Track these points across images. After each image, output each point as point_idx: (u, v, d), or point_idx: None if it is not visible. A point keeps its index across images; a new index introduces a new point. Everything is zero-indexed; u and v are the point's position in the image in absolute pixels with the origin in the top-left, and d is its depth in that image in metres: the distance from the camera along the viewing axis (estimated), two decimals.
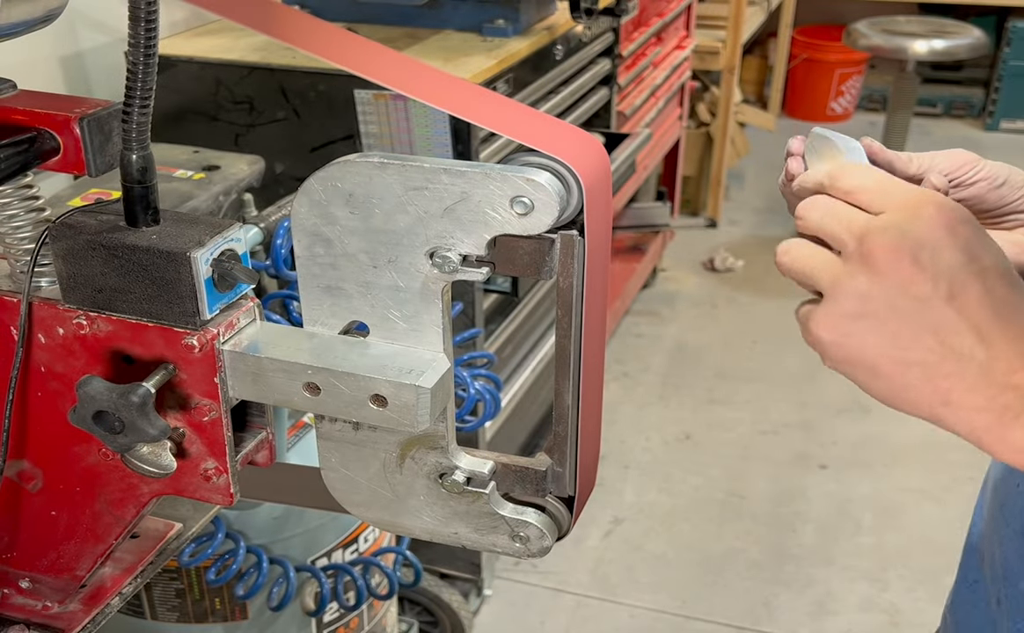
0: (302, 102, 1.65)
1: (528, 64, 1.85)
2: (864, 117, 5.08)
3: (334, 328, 0.59)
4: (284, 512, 1.30)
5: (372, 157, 0.54)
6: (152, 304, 0.58)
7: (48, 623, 0.72)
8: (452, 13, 1.86)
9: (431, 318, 0.57)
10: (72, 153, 0.59)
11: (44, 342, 0.62)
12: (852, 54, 4.70)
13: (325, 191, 0.55)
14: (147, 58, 0.55)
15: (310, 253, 0.57)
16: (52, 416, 0.64)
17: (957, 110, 5.06)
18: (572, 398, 0.59)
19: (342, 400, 0.57)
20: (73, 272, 0.59)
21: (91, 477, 0.65)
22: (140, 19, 0.54)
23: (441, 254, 0.55)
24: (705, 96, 3.72)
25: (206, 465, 0.61)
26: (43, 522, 0.69)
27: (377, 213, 0.55)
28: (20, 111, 0.60)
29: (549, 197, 0.52)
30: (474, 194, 0.53)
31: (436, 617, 1.97)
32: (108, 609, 0.73)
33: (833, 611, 2.15)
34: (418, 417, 0.56)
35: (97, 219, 0.59)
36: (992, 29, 4.60)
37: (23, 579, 0.72)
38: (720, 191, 3.80)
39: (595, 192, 0.54)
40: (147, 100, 0.56)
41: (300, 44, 0.66)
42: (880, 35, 3.54)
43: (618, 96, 2.48)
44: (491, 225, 0.53)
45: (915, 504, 2.46)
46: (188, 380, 0.59)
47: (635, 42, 2.55)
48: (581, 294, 0.55)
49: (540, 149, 0.53)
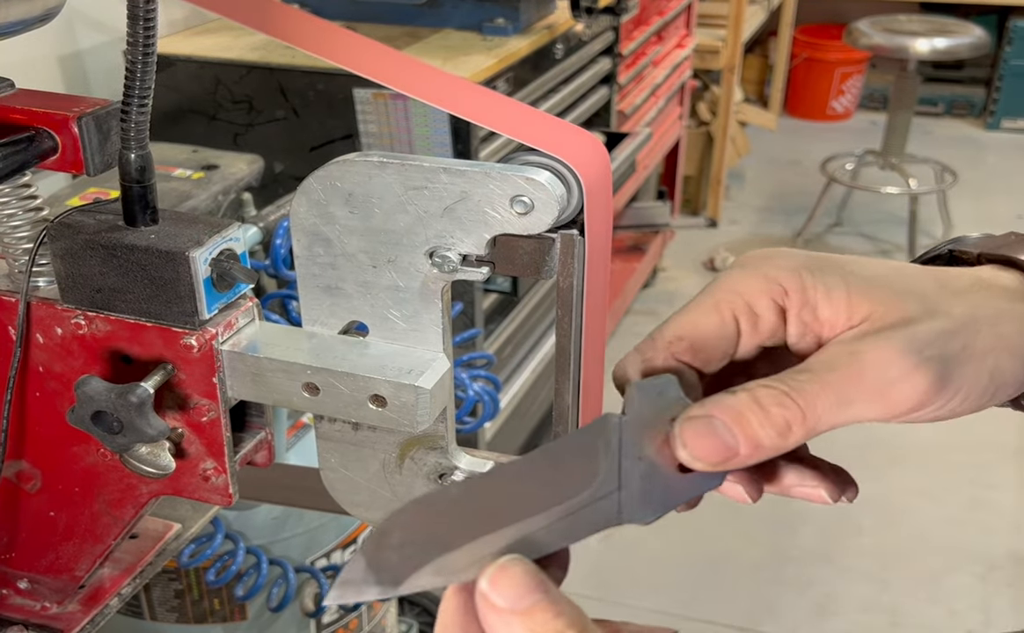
0: (301, 101, 1.65)
1: (528, 63, 1.85)
2: (865, 116, 5.08)
3: (333, 328, 0.59)
4: (283, 513, 1.30)
5: (371, 156, 0.54)
6: (151, 304, 0.58)
7: (47, 624, 0.72)
8: (452, 12, 1.86)
9: (431, 318, 0.57)
10: (70, 152, 0.59)
11: (42, 342, 0.62)
12: (853, 53, 4.70)
13: (324, 190, 0.55)
14: (146, 57, 0.54)
15: (309, 253, 0.57)
16: (50, 416, 0.64)
17: (958, 109, 5.06)
18: (572, 398, 0.59)
19: (341, 400, 0.57)
20: (71, 272, 0.59)
21: (90, 477, 0.65)
22: (139, 18, 0.53)
23: (441, 254, 0.54)
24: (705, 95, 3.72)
25: (205, 465, 0.61)
26: (42, 522, 0.69)
27: (377, 212, 0.55)
28: (18, 110, 0.59)
29: (549, 196, 0.51)
30: (474, 193, 0.52)
31: (433, 617, 1.97)
32: (107, 610, 0.73)
33: (833, 612, 2.15)
34: (418, 417, 0.55)
35: (95, 219, 0.59)
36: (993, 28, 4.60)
37: (22, 579, 0.72)
38: (720, 190, 3.79)
39: (595, 191, 0.54)
40: (146, 99, 0.56)
41: (299, 43, 0.65)
42: (881, 34, 3.53)
43: (618, 95, 2.48)
44: (491, 224, 0.53)
45: (916, 505, 2.46)
46: (187, 380, 0.59)
47: (635, 41, 2.55)
48: (581, 294, 0.55)
49: (540, 148, 0.53)
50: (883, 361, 0.40)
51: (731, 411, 0.39)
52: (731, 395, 0.40)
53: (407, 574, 0.39)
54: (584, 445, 0.40)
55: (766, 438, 0.39)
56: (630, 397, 0.41)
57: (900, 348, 0.40)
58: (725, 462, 0.39)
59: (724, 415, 0.39)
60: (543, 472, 0.40)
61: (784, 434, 0.40)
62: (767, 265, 0.44)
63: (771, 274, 0.44)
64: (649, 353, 0.45)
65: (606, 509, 0.40)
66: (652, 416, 0.40)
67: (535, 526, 0.39)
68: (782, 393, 0.40)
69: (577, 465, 0.39)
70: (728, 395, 0.40)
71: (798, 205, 4.03)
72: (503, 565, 0.38)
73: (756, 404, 0.40)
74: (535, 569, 0.38)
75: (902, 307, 0.42)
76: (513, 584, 0.38)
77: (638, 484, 0.40)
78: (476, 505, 0.39)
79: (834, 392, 0.40)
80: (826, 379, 0.40)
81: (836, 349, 0.42)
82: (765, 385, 0.40)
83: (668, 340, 0.45)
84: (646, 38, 2.66)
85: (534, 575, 0.38)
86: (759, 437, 0.39)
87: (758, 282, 0.44)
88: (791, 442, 0.40)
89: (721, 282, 0.45)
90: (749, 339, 0.45)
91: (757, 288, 0.44)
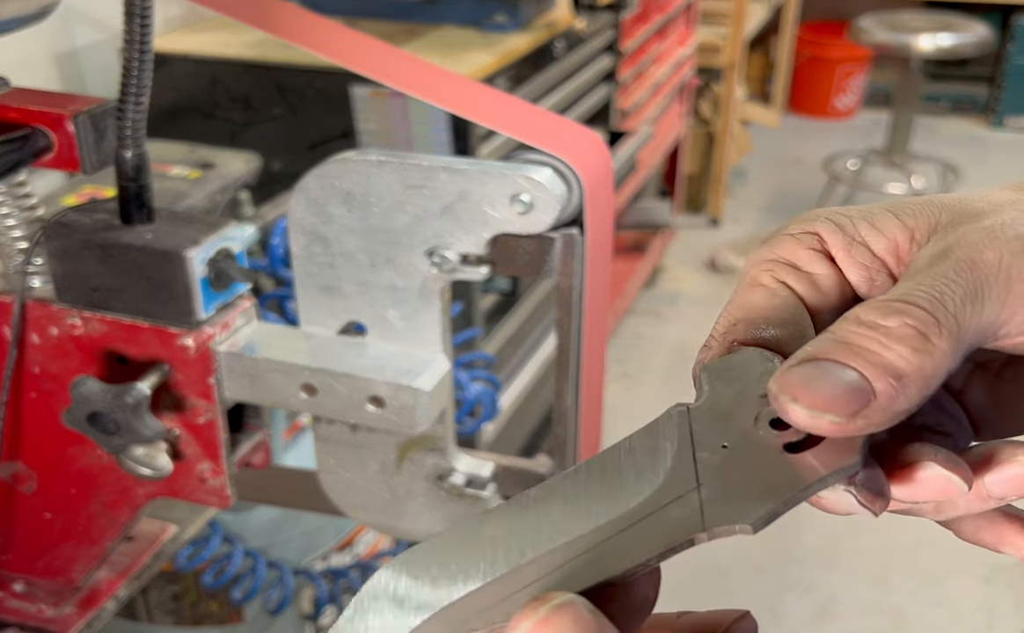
0: (299, 99, 1.64)
1: (528, 60, 1.84)
2: (868, 114, 5.07)
3: (332, 328, 0.58)
4: (281, 515, 1.29)
5: (370, 155, 0.53)
6: (147, 304, 0.58)
7: (43, 627, 0.71)
8: (451, 8, 1.86)
9: (430, 318, 0.56)
10: (66, 150, 0.58)
11: (38, 342, 0.61)
12: (856, 50, 4.69)
13: (322, 189, 0.54)
14: (142, 55, 0.54)
15: (307, 252, 0.56)
16: (46, 417, 0.63)
17: (962, 107, 5.06)
18: (572, 399, 0.58)
19: (339, 401, 0.56)
20: (67, 271, 0.59)
21: (86, 479, 0.65)
22: (135, 15, 0.53)
23: (440, 253, 0.54)
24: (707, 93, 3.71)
25: (201, 467, 0.61)
26: (38, 524, 0.68)
27: (375, 211, 0.54)
28: (13, 108, 0.59)
29: (549, 196, 0.51)
30: (473, 192, 0.52)
31: None
32: (103, 612, 0.72)
33: (836, 614, 2.15)
34: (417, 418, 0.55)
35: (91, 218, 0.59)
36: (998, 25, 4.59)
37: (17, 582, 0.72)
38: (722, 189, 3.79)
39: (596, 190, 0.53)
40: (142, 97, 0.55)
41: (297, 40, 0.65)
42: (885, 31, 3.53)
43: (619, 93, 2.47)
44: (490, 224, 0.52)
45: None
46: (183, 381, 0.58)
47: (636, 38, 2.54)
48: (581, 294, 0.55)
49: (540, 146, 0.53)
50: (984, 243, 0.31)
51: (838, 344, 0.29)
52: (826, 333, 0.30)
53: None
54: (643, 447, 0.30)
55: (899, 359, 0.28)
56: (700, 383, 0.32)
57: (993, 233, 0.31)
58: (861, 410, 0.28)
59: (832, 352, 0.29)
60: (590, 485, 0.30)
61: (922, 348, 0.28)
62: (788, 228, 0.37)
63: (796, 230, 0.36)
64: (706, 352, 0.35)
65: (682, 515, 0.29)
66: (733, 398, 0.31)
67: (579, 548, 0.28)
68: (889, 303, 0.29)
69: (635, 469, 0.30)
70: (822, 335, 0.30)
71: (801, 204, 4.02)
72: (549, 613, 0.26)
73: (863, 325, 0.29)
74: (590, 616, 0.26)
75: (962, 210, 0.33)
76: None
77: (725, 476, 0.29)
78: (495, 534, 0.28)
79: (955, 282, 0.30)
80: (936, 273, 0.30)
81: (925, 256, 0.32)
82: (865, 305, 0.30)
83: (722, 332, 0.35)
84: (647, 35, 2.65)
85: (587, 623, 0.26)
86: (890, 360, 0.28)
87: (787, 242, 0.36)
88: (938, 360, 0.28)
89: (749, 260, 0.37)
90: (817, 299, 0.35)
91: (788, 247, 0.36)
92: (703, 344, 0.36)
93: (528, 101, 0.68)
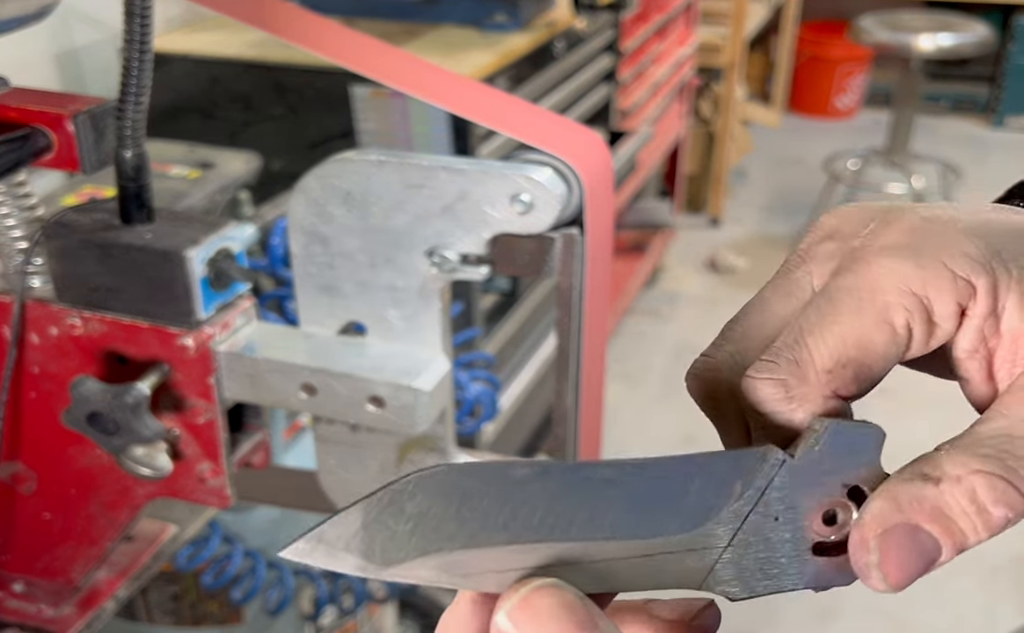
0: (299, 99, 1.64)
1: (528, 60, 1.84)
2: (869, 114, 5.07)
3: (331, 328, 0.58)
4: (281, 515, 1.29)
5: (370, 154, 0.53)
6: (146, 304, 0.58)
7: (42, 627, 0.71)
8: (451, 8, 1.86)
9: (430, 318, 0.56)
10: (65, 150, 0.58)
11: (37, 342, 0.61)
12: (857, 50, 4.69)
13: (322, 189, 0.54)
14: (142, 55, 0.54)
15: (307, 252, 0.56)
16: (46, 417, 0.63)
17: (962, 107, 5.06)
18: (572, 399, 0.58)
19: (339, 401, 0.56)
20: (67, 271, 0.59)
21: (85, 479, 0.65)
22: (135, 15, 0.53)
23: (440, 253, 0.54)
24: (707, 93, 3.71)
25: (201, 467, 0.61)
26: (37, 525, 0.68)
27: (375, 211, 0.54)
28: (13, 108, 0.59)
29: (549, 195, 0.51)
30: (473, 192, 0.52)
31: (435, 622, 1.96)
32: (103, 613, 0.72)
33: (835, 616, 2.15)
34: (417, 418, 0.55)
35: (91, 218, 0.59)
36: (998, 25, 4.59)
37: (17, 582, 0.72)
38: (722, 189, 3.79)
39: (596, 190, 0.53)
40: (142, 97, 0.55)
41: (297, 40, 0.65)
42: (885, 31, 3.53)
43: (619, 93, 2.47)
44: (490, 224, 0.52)
45: None
46: (183, 381, 0.58)
47: (637, 37, 2.54)
48: (581, 294, 0.54)
49: (540, 146, 0.53)
50: None
51: (940, 517, 0.28)
52: (930, 485, 0.28)
53: (403, 558, 0.28)
54: (718, 473, 0.29)
55: (974, 540, 0.28)
56: (813, 437, 0.29)
57: None
58: (910, 580, 0.28)
59: (932, 523, 0.27)
60: (643, 485, 0.28)
61: (994, 531, 0.28)
62: (943, 250, 0.30)
63: (954, 265, 0.30)
64: (799, 388, 0.30)
65: (695, 567, 0.29)
66: (828, 471, 0.29)
67: (596, 554, 0.28)
68: (1003, 480, 0.27)
69: (692, 495, 0.28)
70: (925, 484, 0.28)
71: (801, 203, 4.02)
72: (533, 592, 0.27)
73: (972, 503, 0.27)
74: (578, 602, 0.27)
75: None
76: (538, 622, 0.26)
77: (756, 552, 0.29)
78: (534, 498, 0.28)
79: None
80: None
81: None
82: (980, 470, 0.28)
83: (827, 369, 0.30)
84: (647, 35, 2.65)
85: (574, 610, 0.26)
86: (971, 543, 0.28)
87: (939, 278, 0.30)
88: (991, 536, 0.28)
89: (882, 276, 0.30)
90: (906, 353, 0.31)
91: (940, 286, 0.30)
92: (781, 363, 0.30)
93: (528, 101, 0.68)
